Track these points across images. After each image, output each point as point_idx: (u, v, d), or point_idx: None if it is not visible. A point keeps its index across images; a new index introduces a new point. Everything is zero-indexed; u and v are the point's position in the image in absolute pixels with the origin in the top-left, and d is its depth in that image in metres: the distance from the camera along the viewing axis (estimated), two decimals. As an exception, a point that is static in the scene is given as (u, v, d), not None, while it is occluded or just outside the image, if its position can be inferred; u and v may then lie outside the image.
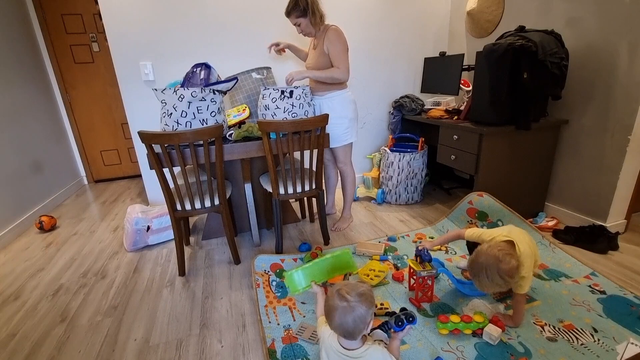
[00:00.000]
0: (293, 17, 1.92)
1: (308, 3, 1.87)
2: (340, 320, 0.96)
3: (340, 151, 2.18)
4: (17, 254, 2.23)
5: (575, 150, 2.17)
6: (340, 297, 0.97)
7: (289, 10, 1.91)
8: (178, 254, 1.85)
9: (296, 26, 1.97)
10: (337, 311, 0.96)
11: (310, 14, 1.88)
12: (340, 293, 0.97)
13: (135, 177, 3.89)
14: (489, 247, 1.26)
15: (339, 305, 0.96)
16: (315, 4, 1.90)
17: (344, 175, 2.27)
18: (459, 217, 2.20)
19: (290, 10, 1.90)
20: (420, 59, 3.05)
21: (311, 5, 1.88)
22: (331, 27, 1.95)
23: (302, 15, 1.89)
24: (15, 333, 1.51)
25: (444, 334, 1.34)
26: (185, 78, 1.88)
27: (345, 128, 2.12)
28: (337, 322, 0.96)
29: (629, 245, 1.96)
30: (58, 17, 3.27)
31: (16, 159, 2.63)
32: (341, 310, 0.95)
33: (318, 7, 1.92)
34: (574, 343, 1.27)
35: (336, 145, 2.16)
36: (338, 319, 0.96)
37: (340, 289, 0.99)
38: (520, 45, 1.87)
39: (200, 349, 1.38)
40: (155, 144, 1.61)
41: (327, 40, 1.94)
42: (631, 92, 1.84)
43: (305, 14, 1.89)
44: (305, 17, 1.90)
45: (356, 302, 0.95)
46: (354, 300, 0.95)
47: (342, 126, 2.11)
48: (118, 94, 3.27)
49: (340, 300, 0.96)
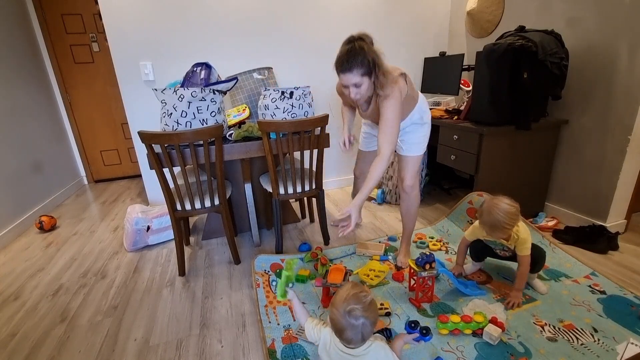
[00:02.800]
0: (356, 75, 1.35)
1: (375, 58, 1.34)
2: (351, 335, 0.98)
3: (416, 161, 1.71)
4: (17, 254, 2.23)
5: (575, 150, 2.17)
6: (354, 317, 0.97)
7: (350, 66, 1.33)
8: (178, 254, 1.85)
9: (352, 87, 1.40)
10: (347, 330, 0.97)
11: (375, 74, 1.37)
12: (352, 314, 0.97)
13: (135, 177, 3.89)
14: (487, 202, 1.46)
15: (351, 324, 0.97)
16: (381, 59, 1.39)
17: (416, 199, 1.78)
18: (459, 217, 2.20)
19: (352, 66, 1.33)
20: (420, 59, 3.05)
21: (378, 60, 1.36)
22: (394, 93, 1.42)
23: (366, 74, 1.36)
24: (15, 333, 1.51)
25: (444, 334, 1.34)
26: (186, 77, 1.88)
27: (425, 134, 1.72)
28: (348, 336, 0.98)
29: (629, 245, 1.96)
30: (58, 17, 3.27)
31: (16, 159, 2.63)
32: (352, 329, 0.97)
33: (383, 62, 1.40)
34: (574, 343, 1.27)
35: (412, 154, 1.70)
36: (350, 335, 0.98)
37: (351, 309, 0.97)
38: (520, 45, 1.87)
39: (200, 349, 1.38)
40: (155, 144, 1.61)
41: (386, 105, 1.43)
42: (631, 92, 1.84)
43: (370, 73, 1.36)
44: (370, 77, 1.38)
45: (365, 318, 0.97)
46: (363, 317, 0.97)
47: (423, 131, 1.70)
48: (118, 94, 3.26)
49: (354, 319, 0.97)
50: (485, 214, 1.43)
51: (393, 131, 1.44)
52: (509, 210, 1.38)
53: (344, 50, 1.35)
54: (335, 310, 1.00)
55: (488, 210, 1.41)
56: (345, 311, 0.97)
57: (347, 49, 1.34)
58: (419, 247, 2.02)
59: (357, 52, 1.32)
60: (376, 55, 1.37)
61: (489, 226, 1.43)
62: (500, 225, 1.38)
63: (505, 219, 1.38)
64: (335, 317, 0.99)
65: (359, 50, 1.32)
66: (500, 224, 1.38)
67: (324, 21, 2.75)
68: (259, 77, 2.30)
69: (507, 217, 1.38)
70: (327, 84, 2.91)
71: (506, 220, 1.38)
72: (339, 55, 1.37)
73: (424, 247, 2.02)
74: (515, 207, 1.41)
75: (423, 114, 1.69)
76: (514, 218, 1.40)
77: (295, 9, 2.66)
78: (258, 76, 2.30)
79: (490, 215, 1.40)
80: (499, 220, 1.38)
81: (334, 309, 1.00)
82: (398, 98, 1.44)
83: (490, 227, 1.42)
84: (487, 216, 1.41)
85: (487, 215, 1.42)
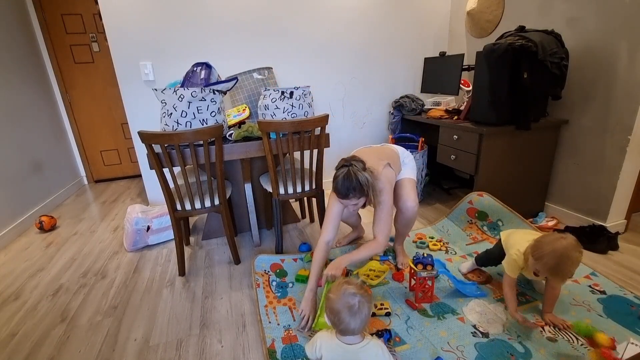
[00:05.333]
0: (353, 199, 1.46)
1: (369, 183, 1.43)
2: (348, 319, 1.00)
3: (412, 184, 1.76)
4: (17, 254, 2.23)
5: (575, 150, 2.17)
6: (349, 295, 1.01)
7: (347, 194, 1.43)
8: (178, 254, 1.85)
9: (351, 206, 1.52)
10: (344, 312, 1.00)
11: (370, 192, 1.46)
12: (347, 293, 1.02)
13: (135, 177, 3.89)
14: (546, 246, 1.25)
15: (348, 304, 1.00)
16: (373, 176, 1.47)
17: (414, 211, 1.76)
18: (459, 217, 2.20)
19: (349, 194, 1.43)
20: (420, 59, 3.05)
21: (373, 185, 1.45)
22: (385, 186, 1.53)
23: (363, 196, 1.46)
24: (15, 333, 1.51)
25: (444, 335, 1.34)
26: (186, 77, 1.88)
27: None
28: (346, 320, 1.00)
29: (629, 245, 1.96)
30: (58, 17, 3.27)
31: (16, 159, 2.63)
32: (349, 310, 1.00)
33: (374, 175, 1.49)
34: (574, 343, 1.27)
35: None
36: (346, 317, 1.00)
37: (345, 288, 1.03)
38: (520, 45, 1.87)
39: (200, 349, 1.38)
40: (155, 144, 1.61)
41: (380, 197, 1.54)
42: (631, 92, 1.84)
43: (367, 194, 1.46)
44: (366, 196, 1.48)
45: (361, 296, 1.02)
46: (359, 295, 1.01)
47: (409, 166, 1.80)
48: (118, 94, 3.26)
49: (351, 298, 1.01)
50: (550, 259, 1.22)
51: (388, 222, 1.56)
52: (579, 259, 1.21)
53: (340, 178, 1.43)
54: (331, 296, 1.04)
55: (557, 260, 1.21)
56: (341, 293, 1.02)
57: (343, 176, 1.42)
58: (419, 247, 2.02)
59: (351, 180, 1.40)
60: (367, 176, 1.43)
61: (550, 273, 1.26)
62: (566, 275, 1.25)
63: (574, 268, 1.23)
64: (332, 304, 1.02)
65: (354, 177, 1.40)
66: (567, 274, 1.25)
67: (324, 21, 2.75)
68: (259, 77, 2.30)
69: (576, 266, 1.23)
70: (327, 84, 2.91)
71: (574, 270, 1.23)
72: (336, 182, 1.45)
73: (424, 247, 2.02)
74: (582, 252, 1.24)
75: (404, 158, 1.78)
76: (578, 244, 1.24)
77: (295, 9, 2.66)
78: (258, 76, 2.30)
79: (559, 267, 1.22)
80: (568, 271, 1.23)
81: (330, 295, 1.04)
82: (389, 186, 1.56)
83: (552, 274, 1.26)
84: (554, 264, 1.22)
85: (552, 262, 1.22)
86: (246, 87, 2.30)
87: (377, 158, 1.61)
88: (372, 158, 1.59)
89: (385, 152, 1.72)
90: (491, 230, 2.05)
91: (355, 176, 1.39)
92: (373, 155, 1.64)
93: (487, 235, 2.05)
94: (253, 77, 2.30)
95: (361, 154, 1.65)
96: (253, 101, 2.28)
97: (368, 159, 1.54)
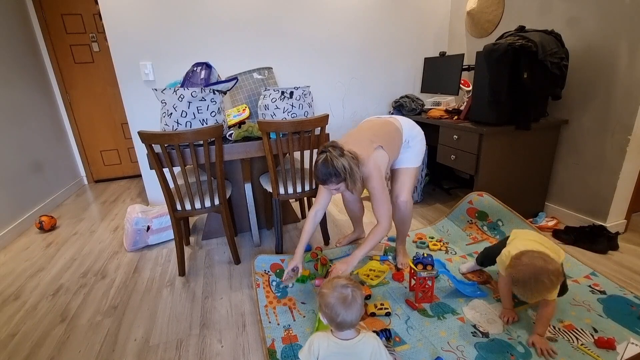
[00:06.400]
0: (331, 184, 1.46)
1: (346, 169, 1.42)
2: (342, 311, 1.00)
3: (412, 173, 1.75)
4: (17, 254, 2.23)
5: (575, 150, 2.17)
6: (341, 286, 1.03)
7: (325, 179, 1.45)
8: (178, 254, 1.85)
9: (334, 190, 1.52)
10: (338, 305, 1.00)
11: (349, 177, 1.44)
12: (338, 284, 1.04)
13: (135, 177, 3.89)
14: (525, 258, 1.20)
15: (341, 295, 1.01)
16: (354, 161, 1.46)
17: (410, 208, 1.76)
18: (459, 217, 2.20)
19: (327, 180, 1.44)
20: (420, 59, 3.05)
21: (350, 170, 1.43)
22: (372, 172, 1.52)
23: (342, 180, 1.45)
24: (15, 333, 1.51)
25: (444, 335, 1.34)
26: (186, 77, 1.88)
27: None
28: (340, 313, 1.00)
29: (629, 245, 1.96)
30: (58, 17, 3.27)
31: (16, 159, 2.63)
32: (342, 302, 1.00)
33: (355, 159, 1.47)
34: (574, 343, 1.27)
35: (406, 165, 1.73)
36: (340, 310, 1.00)
37: (336, 281, 1.06)
38: (520, 45, 1.87)
39: (200, 349, 1.38)
40: (155, 144, 1.61)
41: (369, 184, 1.56)
42: (631, 91, 1.84)
43: (345, 178, 1.45)
44: (345, 180, 1.46)
45: (353, 286, 1.03)
46: (350, 286, 1.03)
47: (415, 149, 1.75)
48: (118, 94, 3.27)
49: (343, 289, 1.02)
50: (520, 272, 1.18)
51: (385, 204, 1.56)
52: (547, 286, 1.15)
53: (319, 164, 1.44)
54: (323, 291, 1.05)
55: (528, 276, 1.16)
56: (333, 286, 1.04)
57: (321, 162, 1.43)
58: (419, 247, 2.02)
59: (328, 166, 1.41)
60: (344, 162, 1.41)
61: (515, 285, 1.20)
62: (532, 295, 1.17)
63: (540, 294, 1.17)
64: (326, 299, 1.03)
65: (330, 163, 1.40)
66: (533, 295, 1.17)
67: (324, 21, 2.75)
68: (259, 77, 2.30)
69: (544, 292, 1.16)
70: (327, 84, 2.91)
71: (541, 295, 1.17)
72: (315, 168, 1.47)
73: (424, 247, 2.02)
74: (555, 282, 1.16)
75: (410, 139, 1.72)
76: (560, 275, 1.18)
77: (295, 9, 2.67)
78: (258, 76, 2.30)
79: (526, 284, 1.16)
80: (536, 291, 1.16)
81: (322, 290, 1.06)
82: (377, 171, 1.53)
83: (519, 287, 1.19)
84: (521, 278, 1.17)
85: (521, 275, 1.17)
86: (246, 87, 2.30)
87: (369, 140, 1.57)
88: (364, 139, 1.57)
89: (384, 130, 1.65)
90: (491, 230, 2.05)
91: (332, 162, 1.40)
92: (368, 134, 1.60)
93: (487, 235, 2.05)
94: (253, 77, 2.30)
95: (356, 132, 1.66)
96: (253, 101, 2.28)
97: (358, 141, 1.55)
